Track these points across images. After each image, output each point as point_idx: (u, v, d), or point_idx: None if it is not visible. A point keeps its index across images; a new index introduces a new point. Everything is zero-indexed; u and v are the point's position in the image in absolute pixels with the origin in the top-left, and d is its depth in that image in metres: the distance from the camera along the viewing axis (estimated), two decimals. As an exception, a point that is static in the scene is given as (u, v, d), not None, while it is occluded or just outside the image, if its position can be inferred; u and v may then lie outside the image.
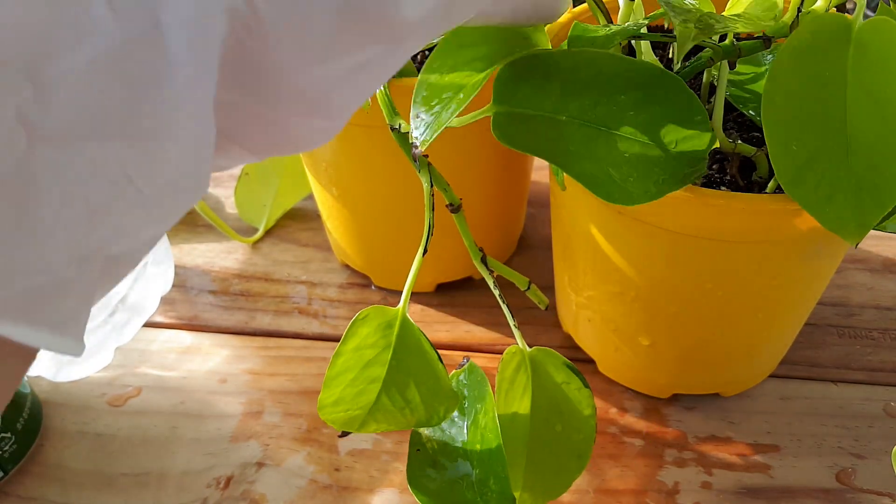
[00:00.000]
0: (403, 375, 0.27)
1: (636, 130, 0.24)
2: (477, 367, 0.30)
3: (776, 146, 0.22)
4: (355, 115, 0.34)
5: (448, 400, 0.28)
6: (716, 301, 0.31)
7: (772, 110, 0.22)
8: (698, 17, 0.22)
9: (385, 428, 0.28)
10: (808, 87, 0.22)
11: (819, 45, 0.22)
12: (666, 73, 0.24)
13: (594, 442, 0.29)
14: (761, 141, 0.31)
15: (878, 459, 0.35)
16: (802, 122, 0.22)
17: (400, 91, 0.30)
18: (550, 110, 0.24)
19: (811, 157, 0.22)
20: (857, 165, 0.22)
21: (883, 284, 0.44)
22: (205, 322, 0.43)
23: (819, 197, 0.23)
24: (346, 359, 0.27)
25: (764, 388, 0.38)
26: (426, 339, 0.28)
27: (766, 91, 0.22)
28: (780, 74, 0.22)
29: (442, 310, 0.44)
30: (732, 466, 0.35)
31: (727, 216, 0.27)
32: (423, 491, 0.28)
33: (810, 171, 0.22)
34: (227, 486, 0.34)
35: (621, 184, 0.23)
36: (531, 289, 0.30)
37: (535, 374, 0.29)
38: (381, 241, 0.42)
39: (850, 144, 0.22)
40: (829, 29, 0.22)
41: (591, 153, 0.23)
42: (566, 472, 0.29)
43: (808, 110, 0.22)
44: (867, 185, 0.22)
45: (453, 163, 0.35)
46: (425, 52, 0.38)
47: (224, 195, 0.54)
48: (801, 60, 0.22)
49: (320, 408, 0.27)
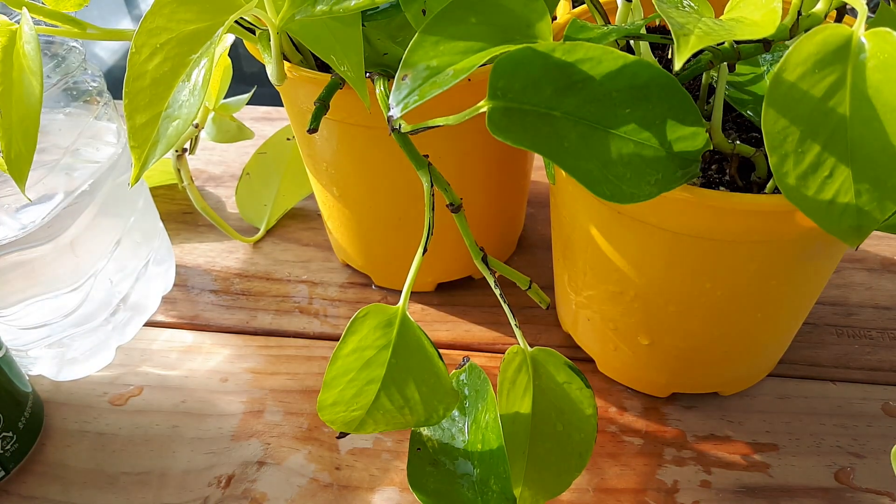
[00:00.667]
0: (403, 374, 0.27)
1: (630, 129, 0.24)
2: (477, 367, 0.30)
3: (776, 155, 0.23)
4: (356, 115, 0.35)
5: (448, 398, 0.28)
6: (715, 301, 0.31)
7: (772, 119, 0.22)
8: (697, 24, 0.22)
9: (384, 428, 0.28)
10: (809, 97, 0.22)
11: (820, 55, 0.22)
12: (661, 72, 0.24)
13: (595, 441, 0.29)
14: (760, 141, 0.32)
15: (877, 458, 0.35)
16: (803, 132, 0.22)
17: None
18: (545, 106, 0.24)
19: (812, 165, 0.22)
20: (858, 173, 0.22)
21: (881, 284, 0.45)
22: (206, 321, 0.43)
23: (820, 203, 0.23)
24: (346, 359, 0.27)
25: (763, 388, 0.39)
26: (426, 337, 0.28)
27: (768, 100, 0.22)
28: (781, 84, 0.22)
29: (442, 309, 0.44)
30: (731, 465, 0.35)
31: (726, 216, 0.27)
32: (423, 490, 0.29)
33: (811, 179, 0.22)
34: (228, 484, 0.35)
35: (616, 182, 0.24)
36: (532, 288, 0.30)
37: (536, 375, 0.29)
38: (381, 241, 0.42)
39: (851, 153, 0.22)
40: (830, 39, 0.22)
41: (585, 150, 0.24)
42: (566, 471, 0.29)
43: (809, 119, 0.22)
44: (868, 192, 0.22)
45: (453, 162, 0.35)
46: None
47: (225, 195, 0.54)
48: (802, 70, 0.22)
49: (320, 409, 0.27)
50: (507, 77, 0.23)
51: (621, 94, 0.24)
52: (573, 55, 0.24)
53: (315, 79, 0.33)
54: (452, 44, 0.24)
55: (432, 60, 0.24)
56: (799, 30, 0.25)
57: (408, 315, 0.28)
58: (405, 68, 0.24)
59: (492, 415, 0.28)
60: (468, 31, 0.24)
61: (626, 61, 0.24)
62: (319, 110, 0.31)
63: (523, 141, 0.23)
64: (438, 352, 0.28)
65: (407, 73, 0.24)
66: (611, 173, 0.23)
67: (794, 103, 0.22)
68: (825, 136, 0.22)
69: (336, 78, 0.32)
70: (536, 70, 0.24)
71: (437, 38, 0.24)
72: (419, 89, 0.24)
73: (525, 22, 0.25)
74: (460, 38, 0.24)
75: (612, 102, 0.24)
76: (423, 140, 0.28)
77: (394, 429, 0.28)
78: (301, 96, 0.36)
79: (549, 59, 0.23)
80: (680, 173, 0.24)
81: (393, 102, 0.24)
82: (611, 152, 0.24)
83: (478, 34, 0.24)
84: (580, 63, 0.24)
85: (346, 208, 0.41)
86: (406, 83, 0.24)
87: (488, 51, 0.24)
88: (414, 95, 0.24)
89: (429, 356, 0.28)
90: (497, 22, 0.25)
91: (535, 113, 0.24)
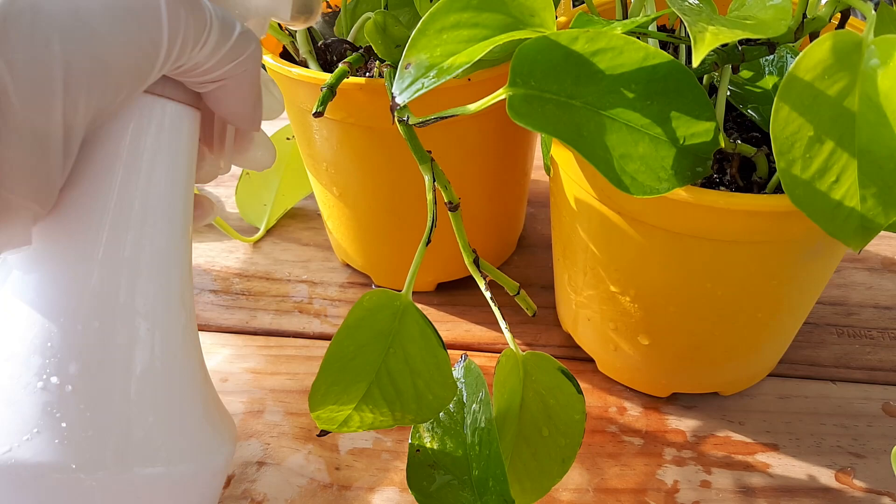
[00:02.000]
0: (400, 364, 0.27)
1: (647, 122, 0.24)
2: (474, 365, 0.30)
3: (784, 160, 0.23)
4: (356, 114, 0.34)
5: (444, 392, 0.27)
6: (715, 301, 0.31)
7: (781, 125, 0.22)
8: (710, 22, 0.22)
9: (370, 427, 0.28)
10: (820, 102, 0.22)
11: (830, 61, 0.22)
12: (679, 66, 0.24)
13: (579, 447, 0.29)
14: (761, 141, 0.31)
15: (877, 458, 0.35)
16: (811, 138, 0.22)
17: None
18: (566, 95, 0.24)
19: (819, 171, 0.22)
20: (864, 178, 0.22)
21: (882, 284, 0.45)
22: (206, 321, 0.43)
23: (825, 207, 0.23)
24: (340, 346, 0.27)
25: (763, 387, 0.39)
26: (431, 326, 0.27)
27: (777, 105, 0.22)
28: (791, 89, 0.22)
29: (442, 309, 0.44)
30: (732, 465, 0.35)
31: (727, 216, 0.27)
32: (422, 492, 0.29)
33: (818, 183, 0.23)
34: (228, 484, 0.35)
35: (633, 175, 0.24)
36: (521, 294, 0.30)
37: (526, 378, 0.29)
38: (381, 241, 0.42)
39: (859, 158, 0.22)
40: (839, 45, 0.22)
41: (603, 141, 0.24)
42: (548, 477, 0.29)
43: (818, 125, 0.22)
44: (873, 197, 0.22)
45: (454, 161, 0.35)
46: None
47: (225, 195, 0.54)
48: (812, 76, 0.22)
49: (311, 402, 0.27)
50: (529, 64, 0.23)
51: (640, 87, 0.24)
52: (595, 44, 0.23)
53: (315, 79, 0.33)
54: (456, 32, 0.24)
55: (436, 49, 0.24)
56: (804, 32, 0.25)
57: (412, 302, 0.27)
58: (408, 57, 0.24)
59: (488, 416, 0.28)
60: (472, 19, 0.24)
61: (647, 52, 0.24)
62: (327, 95, 0.31)
63: (544, 127, 0.23)
64: (442, 341, 0.28)
65: (410, 62, 0.24)
66: (627, 166, 0.23)
67: (804, 109, 0.22)
68: (833, 141, 0.22)
69: (345, 66, 0.32)
70: (557, 58, 0.23)
71: (440, 25, 0.24)
72: (423, 78, 0.24)
73: (529, 10, 0.25)
74: (464, 27, 0.24)
75: (631, 94, 0.24)
76: (425, 138, 0.28)
77: (382, 427, 0.28)
78: (301, 96, 0.36)
79: (570, 48, 0.23)
80: (691, 172, 0.24)
81: (396, 91, 0.24)
82: (628, 145, 0.24)
83: (482, 22, 0.24)
84: (602, 52, 0.23)
85: (346, 208, 0.41)
86: (409, 72, 0.24)
87: (492, 39, 0.24)
88: (417, 85, 0.24)
89: (431, 346, 0.27)
90: (501, 9, 0.24)
91: (554, 101, 0.24)
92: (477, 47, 0.24)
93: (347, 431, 0.28)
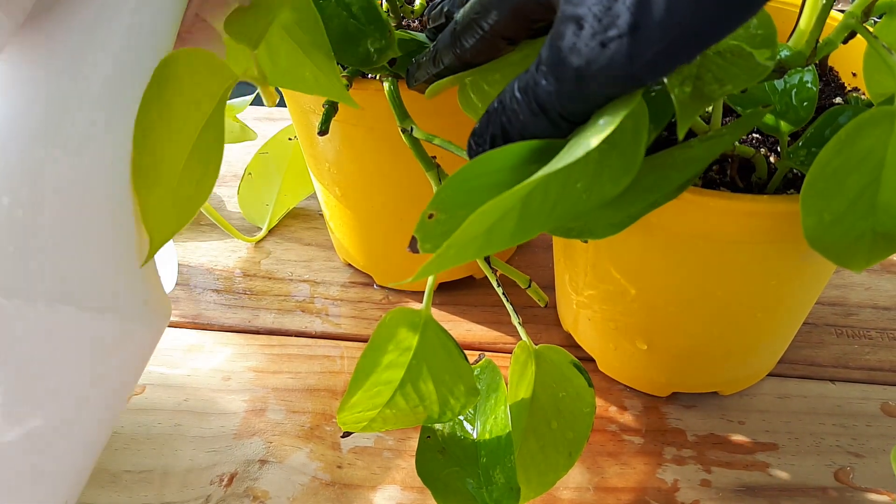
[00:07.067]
0: (423, 375, 0.27)
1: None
2: (493, 363, 0.31)
3: (810, 214, 0.23)
4: (356, 115, 0.35)
5: (465, 397, 0.28)
6: (715, 301, 0.31)
7: (813, 190, 0.23)
8: (695, 77, 0.22)
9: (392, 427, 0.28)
10: (847, 167, 0.23)
11: (862, 131, 0.22)
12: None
13: (587, 441, 0.29)
14: (760, 143, 0.32)
15: (876, 458, 0.35)
16: (837, 196, 0.23)
17: (410, 94, 0.31)
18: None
19: (838, 218, 0.23)
20: (879, 223, 0.23)
21: (881, 284, 0.45)
22: (208, 320, 0.44)
23: (838, 245, 0.23)
24: (368, 362, 0.27)
25: (763, 387, 0.39)
26: (451, 339, 0.28)
27: (811, 174, 0.23)
28: (825, 160, 0.23)
29: (443, 309, 0.44)
30: (731, 464, 0.35)
31: (727, 217, 0.27)
32: (429, 477, 0.29)
33: (835, 227, 0.23)
34: (231, 483, 0.35)
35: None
36: (532, 286, 0.30)
37: (539, 371, 0.29)
38: (383, 241, 0.43)
39: (877, 210, 0.23)
40: (873, 116, 0.22)
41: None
42: (553, 470, 0.29)
43: (845, 186, 0.23)
44: (883, 235, 0.23)
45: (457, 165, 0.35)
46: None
47: (227, 194, 0.54)
48: (844, 144, 0.22)
49: (340, 412, 0.27)
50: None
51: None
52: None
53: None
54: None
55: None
56: (818, 55, 0.25)
57: (432, 317, 0.28)
58: (433, 206, 0.22)
59: (502, 406, 0.28)
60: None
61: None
62: (329, 112, 0.32)
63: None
64: (463, 352, 0.28)
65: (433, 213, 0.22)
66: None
67: (834, 166, 0.23)
68: (858, 194, 0.23)
69: (347, 76, 0.32)
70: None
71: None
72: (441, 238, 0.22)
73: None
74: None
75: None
76: (429, 144, 0.28)
77: (404, 426, 0.28)
78: (304, 96, 0.36)
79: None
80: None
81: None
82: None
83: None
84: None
85: (348, 208, 0.41)
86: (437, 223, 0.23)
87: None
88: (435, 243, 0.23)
89: (452, 356, 0.28)
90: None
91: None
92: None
93: (369, 431, 0.28)
